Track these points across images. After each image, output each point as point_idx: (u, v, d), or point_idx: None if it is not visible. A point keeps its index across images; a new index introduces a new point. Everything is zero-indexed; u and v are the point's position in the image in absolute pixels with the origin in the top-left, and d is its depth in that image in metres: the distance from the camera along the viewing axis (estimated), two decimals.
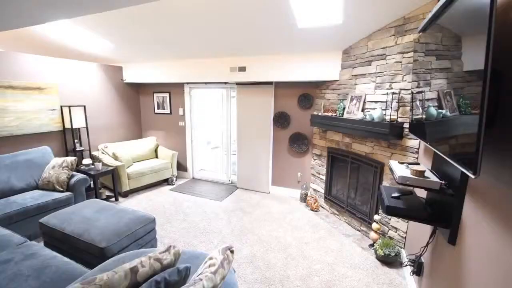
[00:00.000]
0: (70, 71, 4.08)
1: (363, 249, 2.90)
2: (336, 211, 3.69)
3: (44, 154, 3.55)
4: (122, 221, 2.51)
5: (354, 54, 3.20)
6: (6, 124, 3.33)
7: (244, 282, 2.35)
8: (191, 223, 3.43)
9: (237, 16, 2.73)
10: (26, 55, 3.55)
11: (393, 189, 1.96)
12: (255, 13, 2.65)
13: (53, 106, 3.82)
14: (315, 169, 4.11)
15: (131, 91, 5.19)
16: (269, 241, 3.03)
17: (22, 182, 3.19)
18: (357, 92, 3.16)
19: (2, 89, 3.27)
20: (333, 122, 3.29)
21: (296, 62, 3.67)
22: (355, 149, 3.25)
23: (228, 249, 1.42)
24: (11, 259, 1.88)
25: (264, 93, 4.31)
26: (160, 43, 3.70)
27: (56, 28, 3.32)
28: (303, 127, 4.16)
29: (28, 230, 2.78)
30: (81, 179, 3.40)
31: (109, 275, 1.11)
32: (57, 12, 1.67)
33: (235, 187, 4.80)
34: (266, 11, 2.60)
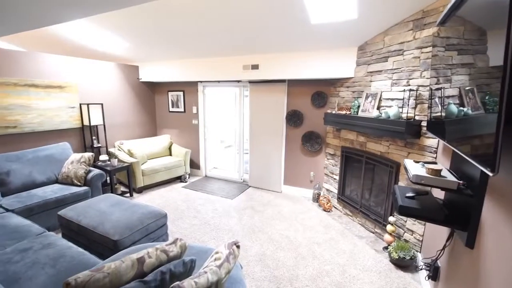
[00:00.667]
0: (89, 70, 4.24)
1: (377, 251, 2.81)
2: (349, 212, 3.60)
3: (64, 150, 3.70)
4: (134, 215, 2.56)
5: (370, 50, 3.11)
6: (29, 121, 3.50)
7: (253, 280, 2.34)
8: (202, 220, 3.46)
9: (249, 12, 2.72)
10: (48, 55, 3.72)
11: (408, 189, 1.88)
12: (267, 10, 2.63)
13: (73, 104, 3.98)
14: (328, 169, 4.03)
15: (147, 89, 5.32)
16: (279, 240, 3.00)
17: (43, 176, 3.34)
18: (373, 90, 3.07)
19: (26, 87, 3.44)
20: (347, 120, 3.21)
21: (309, 59, 3.61)
22: (370, 149, 3.16)
23: (234, 244, 1.41)
24: (30, 248, 1.97)
25: (277, 91, 4.28)
26: (174, 42, 3.76)
27: (76, 29, 3.46)
28: (316, 126, 4.09)
29: (48, 222, 2.90)
30: (98, 174, 3.52)
31: (117, 264, 1.13)
32: (72, 12, 1.73)
33: (247, 186, 4.80)
34: (278, 7, 2.57)
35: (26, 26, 2.14)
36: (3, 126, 3.27)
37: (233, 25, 3.04)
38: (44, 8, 1.70)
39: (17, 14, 1.80)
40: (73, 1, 1.55)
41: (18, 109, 3.38)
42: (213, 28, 3.17)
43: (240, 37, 3.38)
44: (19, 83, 3.37)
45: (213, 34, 3.34)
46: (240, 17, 2.84)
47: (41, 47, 4.04)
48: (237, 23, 2.98)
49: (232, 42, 3.56)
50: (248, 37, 3.34)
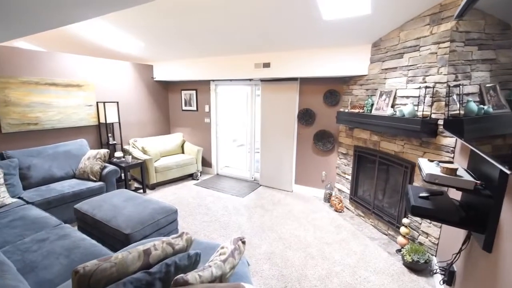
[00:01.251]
0: (105, 70, 4.37)
1: (390, 254, 2.73)
2: (361, 213, 3.52)
3: (81, 146, 3.84)
4: (146, 210, 2.62)
5: (384, 47, 3.02)
6: (49, 118, 3.66)
7: (261, 278, 2.33)
8: (213, 217, 3.49)
9: (261, 9, 2.71)
10: (67, 54, 3.87)
11: (421, 189, 1.81)
12: (279, 6, 2.61)
13: (90, 102, 4.12)
14: (340, 169, 3.95)
15: (161, 88, 5.43)
16: (289, 239, 2.97)
17: (62, 171, 3.48)
18: (387, 87, 2.98)
19: (47, 86, 3.60)
20: (361, 119, 3.13)
21: (322, 57, 3.56)
22: (384, 148, 3.07)
23: (239, 239, 1.41)
24: (47, 238, 2.06)
25: (289, 89, 4.25)
26: (187, 41, 3.82)
27: (94, 29, 3.58)
28: (328, 125, 4.03)
29: (65, 215, 3.02)
30: (112, 170, 3.63)
31: (124, 255, 1.15)
32: (85, 11, 1.78)
33: (257, 185, 4.79)
34: (289, 3, 2.55)
35: (43, 27, 2.24)
36: (25, 123, 3.44)
37: (244, 22, 3.04)
38: (59, 8, 1.77)
39: (33, 14, 1.88)
40: (85, 1, 1.60)
41: (39, 106, 3.54)
42: (225, 26, 3.19)
43: (252, 35, 3.38)
44: (40, 82, 3.53)
45: (225, 32, 3.35)
46: (251, 15, 2.83)
47: (60, 47, 4.21)
48: (249, 20, 2.98)
49: (243, 40, 3.57)
50: (260, 34, 3.33)
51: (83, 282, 1.03)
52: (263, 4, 2.59)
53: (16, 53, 3.35)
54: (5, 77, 3.22)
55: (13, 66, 3.31)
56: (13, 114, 3.32)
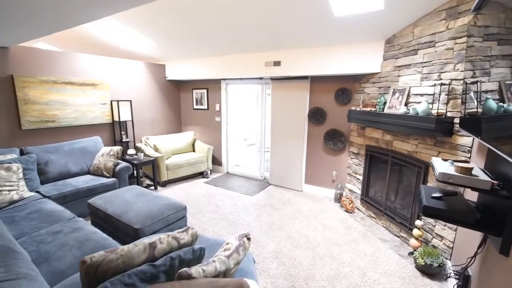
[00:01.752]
0: (119, 69, 4.48)
1: (401, 256, 2.65)
2: (373, 214, 3.44)
3: (96, 143, 3.96)
4: (156, 206, 2.66)
5: (398, 43, 2.93)
6: (66, 116, 3.79)
7: (268, 276, 2.32)
8: (222, 215, 3.50)
9: (271, 7, 2.70)
10: (83, 54, 3.99)
11: (435, 189, 1.74)
12: (290, 3, 2.59)
13: (105, 100, 4.23)
14: (351, 168, 3.88)
15: (173, 87, 5.51)
16: (297, 239, 2.94)
17: (77, 167, 3.60)
18: (400, 85, 2.90)
19: (64, 85, 3.73)
20: (373, 117, 3.06)
21: (333, 54, 3.50)
22: (397, 148, 2.98)
23: (245, 236, 1.40)
24: (61, 231, 2.13)
25: (299, 88, 4.21)
26: (198, 40, 3.85)
27: (108, 30, 3.68)
28: (339, 124, 3.96)
29: (79, 209, 3.11)
30: (125, 167, 3.71)
31: (130, 247, 1.17)
32: (98, 10, 1.83)
33: (267, 184, 4.78)
34: (300, 1, 2.52)
35: (59, 26, 2.31)
36: (44, 120, 3.58)
37: (255, 21, 3.03)
38: (75, 8, 1.83)
39: (50, 15, 1.95)
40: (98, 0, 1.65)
41: (56, 105, 3.68)
42: (236, 24, 3.19)
43: (263, 33, 3.37)
44: (57, 80, 3.66)
45: (235, 30, 3.36)
46: (262, 13, 2.82)
47: (76, 48, 4.35)
48: (260, 18, 2.97)
49: (254, 38, 3.56)
50: (271, 32, 3.31)
51: (90, 272, 1.06)
52: (274, 2, 2.58)
53: (35, 53, 3.49)
54: (25, 76, 3.36)
55: (32, 65, 3.46)
56: (32, 111, 3.46)
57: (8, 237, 1.50)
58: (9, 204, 2.63)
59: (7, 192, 2.67)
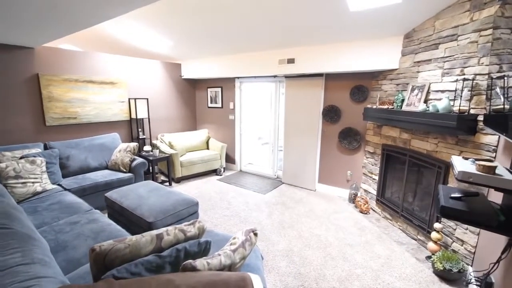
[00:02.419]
0: (137, 68, 4.62)
1: (418, 260, 2.53)
2: (389, 215, 3.32)
3: (114, 140, 4.10)
4: (168, 201, 2.71)
5: (417, 38, 2.81)
6: (86, 113, 3.96)
7: (277, 274, 2.29)
8: (233, 212, 3.52)
9: (285, 3, 2.66)
10: (102, 54, 4.15)
11: (454, 189, 1.65)
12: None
13: (123, 98, 4.37)
14: (367, 168, 3.76)
15: (188, 86, 5.60)
16: (309, 238, 2.89)
17: (96, 162, 3.74)
18: (420, 81, 2.77)
19: (85, 83, 3.89)
20: (390, 115, 2.95)
21: (349, 51, 3.41)
22: (415, 147, 2.86)
23: (251, 231, 1.39)
24: (78, 221, 2.22)
25: (314, 85, 4.14)
26: (213, 38, 3.88)
27: (126, 30, 3.79)
28: (355, 122, 3.86)
29: (97, 202, 3.23)
30: (141, 163, 3.82)
31: (138, 238, 1.20)
32: (115, 8, 1.89)
33: (280, 182, 4.74)
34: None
35: (78, 26, 2.41)
36: (66, 117, 3.75)
37: (269, 17, 3.01)
38: (95, 6, 1.90)
39: (69, 15, 2.04)
40: None
41: (78, 102, 3.84)
42: (250, 22, 3.18)
43: (276, 30, 3.34)
44: (79, 79, 3.82)
45: (250, 27, 3.35)
46: (276, 8, 2.79)
47: (96, 48, 4.52)
48: (273, 15, 2.94)
49: (268, 35, 3.54)
50: (285, 29, 3.27)
51: (99, 260, 1.09)
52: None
53: (59, 53, 3.66)
54: (49, 75, 3.54)
55: (56, 65, 3.63)
56: (56, 109, 3.64)
57: (28, 225, 1.58)
58: (33, 196, 2.77)
59: (31, 184, 2.82)
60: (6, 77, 3.23)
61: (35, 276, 1.02)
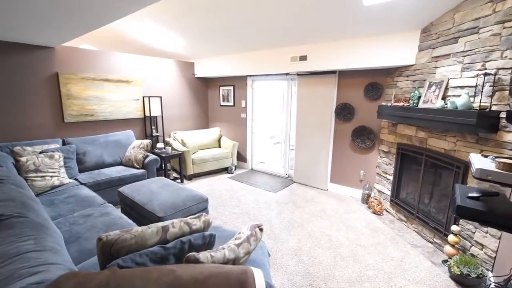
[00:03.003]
0: (151, 67, 4.71)
1: (434, 264, 2.43)
2: (403, 217, 3.20)
3: (128, 137, 4.20)
4: (179, 197, 2.75)
5: (436, 32, 2.69)
6: (103, 110, 4.08)
7: (285, 273, 2.27)
8: (243, 209, 3.51)
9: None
10: (118, 53, 4.26)
11: (472, 188, 1.56)
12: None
13: (137, 96, 4.48)
14: (381, 168, 3.65)
15: (201, 85, 5.66)
16: (319, 238, 2.84)
17: (111, 158, 3.85)
18: (438, 77, 2.66)
19: (101, 81, 4.01)
20: (405, 113, 2.84)
21: (363, 47, 3.32)
22: (432, 146, 2.74)
23: (257, 226, 1.38)
24: (91, 214, 2.29)
25: (327, 83, 4.07)
26: (226, 37, 3.90)
27: (140, 29, 3.87)
28: (369, 120, 3.75)
29: (112, 197, 3.32)
30: (153, 159, 3.89)
31: (144, 229, 1.21)
32: (129, 5, 1.93)
33: (291, 181, 4.70)
34: None
35: (94, 25, 2.48)
36: (83, 114, 3.88)
37: (281, 14, 2.98)
38: (107, 5, 1.95)
39: (86, 14, 2.10)
40: None
41: (94, 100, 3.97)
42: (262, 19, 3.16)
43: (288, 27, 3.30)
44: (96, 77, 3.95)
45: (261, 24, 3.33)
46: (288, 4, 2.76)
47: (112, 47, 4.64)
48: (285, 11, 2.91)
49: (280, 32, 3.51)
50: (296, 25, 3.23)
51: (106, 249, 1.11)
52: None
53: (77, 52, 3.80)
54: (68, 73, 3.68)
55: (74, 64, 3.77)
56: (74, 106, 3.77)
57: (43, 215, 1.64)
58: (51, 189, 2.89)
59: (50, 178, 2.94)
60: (28, 75, 3.38)
61: (45, 263, 1.06)
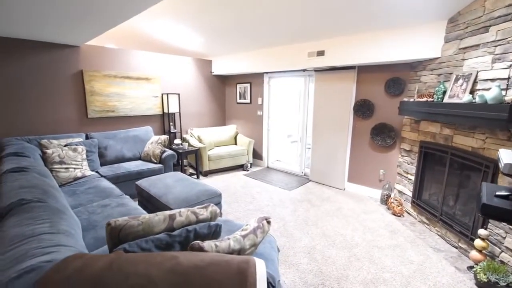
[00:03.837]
0: (170, 64, 4.82)
1: (458, 269, 2.27)
2: (425, 219, 3.03)
3: (147, 132, 4.33)
4: (193, 191, 2.78)
5: (464, 21, 2.51)
6: (123, 107, 4.23)
7: (297, 271, 2.21)
8: (257, 206, 3.49)
9: None
10: (138, 51, 4.40)
11: (501, 187, 1.43)
12: None
13: (156, 93, 4.60)
14: (402, 167, 3.48)
15: (218, 82, 5.71)
16: (333, 237, 2.76)
17: (130, 152, 3.98)
18: (465, 70, 2.48)
19: (122, 78, 4.16)
20: (429, 108, 2.67)
21: (384, 40, 3.17)
22: (458, 143, 2.56)
23: (264, 219, 1.35)
24: (109, 205, 2.37)
25: (345, 79, 3.94)
26: (243, 34, 3.89)
27: (160, 27, 3.96)
28: (389, 117, 3.59)
29: (130, 189, 3.42)
30: (170, 154, 3.98)
31: (151, 216, 1.22)
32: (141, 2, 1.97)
33: (307, 180, 4.61)
34: None
35: (113, 22, 2.57)
36: (105, 110, 4.05)
37: (297, 8, 2.92)
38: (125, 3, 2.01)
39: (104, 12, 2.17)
40: None
41: (116, 96, 4.13)
42: (278, 14, 3.12)
43: (305, 21, 3.23)
44: (117, 75, 4.10)
45: (278, 20, 3.29)
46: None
47: (133, 45, 4.77)
48: (302, 5, 2.85)
49: (296, 27, 3.44)
50: (313, 19, 3.15)
51: (114, 234, 1.13)
52: None
53: (100, 51, 3.96)
54: (92, 71, 3.85)
55: (97, 62, 3.94)
56: (97, 102, 3.94)
57: (62, 202, 1.72)
58: (74, 180, 3.04)
59: (73, 169, 3.09)
60: (56, 73, 3.58)
61: (57, 244, 1.10)
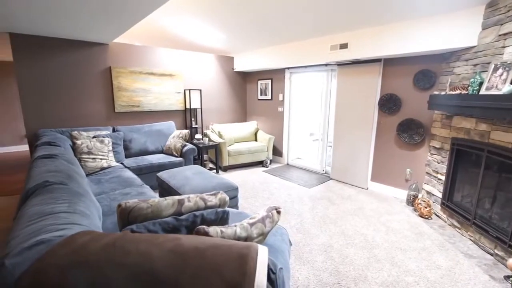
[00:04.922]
0: (192, 61, 4.92)
1: (493, 278, 2.06)
2: (457, 222, 2.79)
3: (170, 127, 4.46)
4: (210, 184, 2.80)
5: (504, 5, 2.27)
6: (148, 102, 4.39)
7: (312, 268, 2.14)
8: (274, 201, 3.45)
9: None
10: (162, 48, 4.54)
11: None
12: None
13: (179, 89, 4.72)
14: (431, 166, 3.24)
15: (239, 79, 5.73)
16: (352, 236, 2.64)
17: (153, 146, 4.13)
18: (506, 58, 2.24)
19: (147, 75, 4.32)
20: (463, 102, 2.44)
21: (413, 30, 2.96)
22: (495, 140, 2.33)
23: (274, 208, 1.31)
24: (129, 193, 2.47)
25: (369, 73, 3.76)
26: (263, 30, 3.85)
27: (183, 25, 4.05)
28: (418, 113, 3.36)
29: (152, 181, 3.54)
30: (190, 148, 4.06)
31: (160, 200, 1.24)
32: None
33: (328, 178, 4.47)
34: None
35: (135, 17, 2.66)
36: (131, 105, 4.23)
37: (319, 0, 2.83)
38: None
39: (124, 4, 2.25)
40: None
41: (141, 92, 4.30)
42: (301, 6, 3.04)
43: (328, 12, 3.12)
44: (142, 71, 4.27)
45: (300, 13, 3.20)
46: None
47: (156, 43, 4.93)
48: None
49: (319, 19, 3.33)
50: (336, 10, 3.03)
51: (124, 215, 1.16)
52: None
53: (126, 48, 4.15)
54: (119, 67, 4.04)
55: (124, 58, 4.12)
56: (123, 97, 4.13)
57: (84, 187, 1.81)
58: (100, 170, 3.20)
59: (100, 160, 3.26)
60: (86, 69, 3.81)
61: (71, 222, 1.15)
